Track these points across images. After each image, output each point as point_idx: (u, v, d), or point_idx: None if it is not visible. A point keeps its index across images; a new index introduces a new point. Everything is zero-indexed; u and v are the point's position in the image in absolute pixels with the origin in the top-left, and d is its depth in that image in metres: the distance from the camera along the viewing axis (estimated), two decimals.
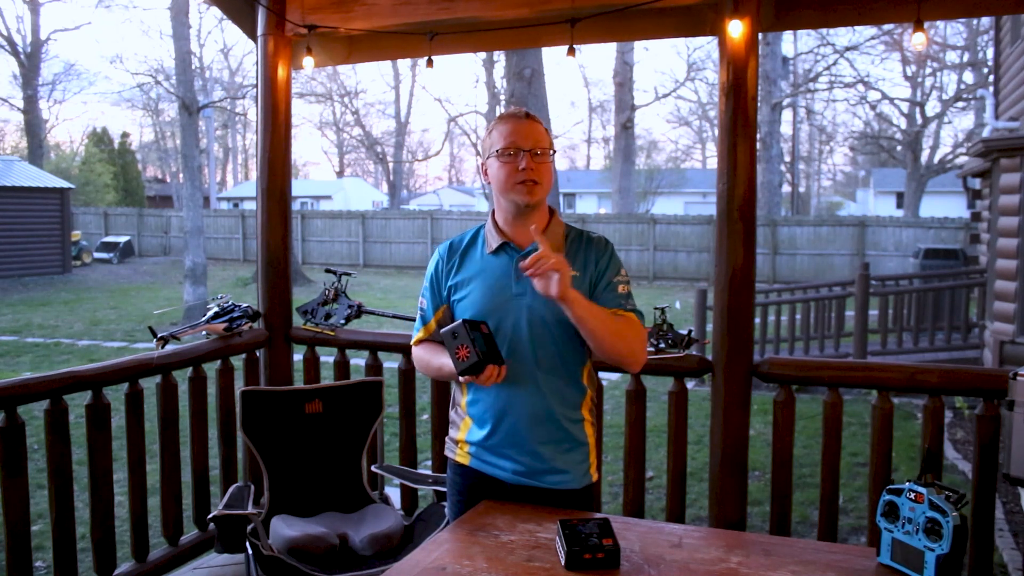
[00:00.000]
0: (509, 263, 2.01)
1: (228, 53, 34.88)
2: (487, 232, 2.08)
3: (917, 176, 25.06)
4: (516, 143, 1.97)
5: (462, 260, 2.09)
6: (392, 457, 3.76)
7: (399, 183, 37.26)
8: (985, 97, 13.14)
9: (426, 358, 2.14)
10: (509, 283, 2.00)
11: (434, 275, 2.12)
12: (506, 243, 2.03)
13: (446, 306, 2.11)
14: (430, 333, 2.14)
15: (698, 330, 8.55)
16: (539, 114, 12.86)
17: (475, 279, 2.05)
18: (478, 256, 2.07)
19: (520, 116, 2.01)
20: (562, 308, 1.87)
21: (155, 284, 19.70)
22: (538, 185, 1.98)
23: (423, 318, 2.15)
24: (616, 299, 2.00)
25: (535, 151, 1.97)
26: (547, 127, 2.07)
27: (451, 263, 2.10)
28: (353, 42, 3.54)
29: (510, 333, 1.99)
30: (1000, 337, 7.18)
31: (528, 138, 1.98)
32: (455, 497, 2.16)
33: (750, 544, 1.89)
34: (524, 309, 1.99)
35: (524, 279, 1.94)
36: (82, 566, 3.32)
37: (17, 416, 2.57)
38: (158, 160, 42.46)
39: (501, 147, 1.98)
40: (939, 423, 2.67)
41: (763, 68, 18.02)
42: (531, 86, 11.42)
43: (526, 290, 1.97)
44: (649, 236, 21.15)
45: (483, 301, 2.01)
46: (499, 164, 1.99)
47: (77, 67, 40.33)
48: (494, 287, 2.01)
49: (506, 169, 1.98)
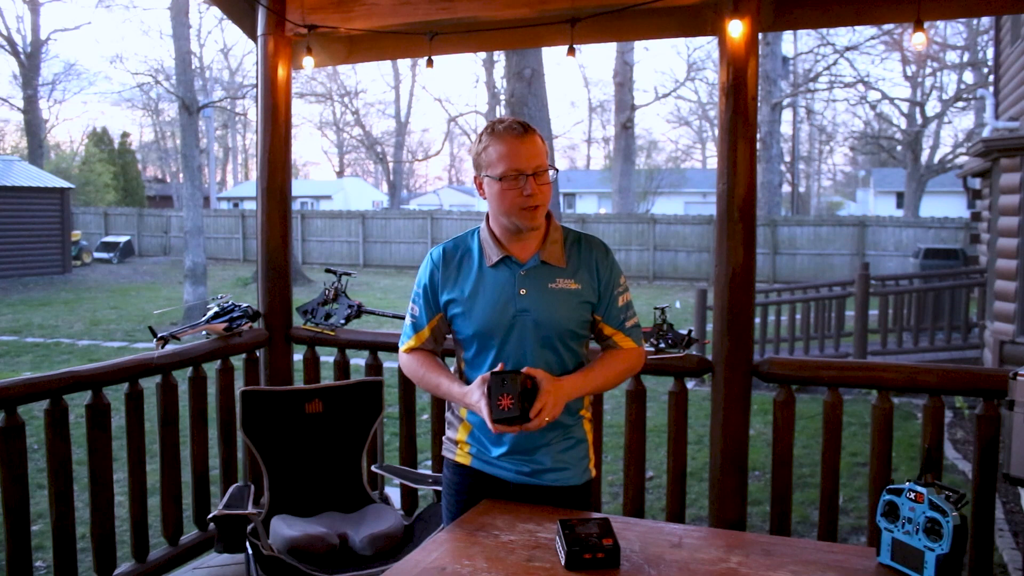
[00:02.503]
0: (511, 277, 1.99)
1: (228, 53, 34.88)
2: (484, 243, 2.04)
3: (917, 176, 25.06)
4: (517, 167, 1.91)
5: (459, 270, 2.04)
6: (392, 457, 3.76)
7: (399, 183, 37.24)
8: (985, 97, 13.14)
9: (419, 370, 2.10)
10: (513, 299, 1.98)
11: (428, 284, 2.07)
12: (507, 257, 2.01)
13: (441, 315, 2.08)
14: (422, 342, 2.12)
15: (698, 330, 8.55)
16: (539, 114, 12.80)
17: (476, 293, 2.01)
18: (476, 267, 2.03)
19: (518, 133, 1.93)
20: (566, 319, 1.99)
21: (155, 284, 19.70)
22: (540, 208, 1.96)
23: (415, 325, 2.11)
24: (618, 317, 2.06)
25: (536, 172, 1.93)
26: (542, 135, 2.02)
27: (447, 273, 2.05)
28: (353, 42, 3.54)
29: (515, 348, 1.99)
30: (1000, 337, 7.18)
31: (530, 160, 1.92)
32: (454, 498, 2.14)
33: (750, 544, 1.89)
34: (529, 325, 1.98)
35: (529, 294, 1.97)
36: (82, 566, 3.32)
37: (17, 416, 2.57)
38: (158, 160, 42.47)
39: (502, 171, 1.92)
40: (939, 423, 2.67)
41: (763, 68, 18.02)
42: (531, 86, 11.41)
43: (530, 306, 1.97)
44: (649, 236, 21.15)
45: (486, 316, 1.99)
46: (500, 187, 1.93)
47: (77, 67, 40.33)
48: (497, 302, 1.99)
49: (509, 195, 1.93)
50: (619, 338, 2.08)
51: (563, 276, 2.00)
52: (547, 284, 1.99)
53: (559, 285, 1.99)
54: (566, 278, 2.00)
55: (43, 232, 20.80)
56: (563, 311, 1.99)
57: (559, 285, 1.99)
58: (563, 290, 1.99)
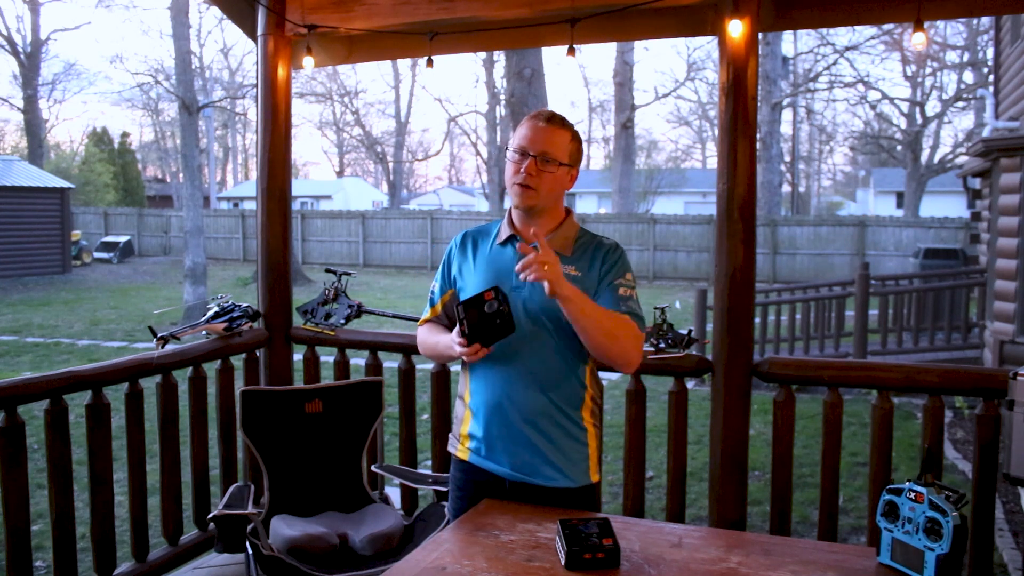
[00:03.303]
0: (514, 255, 2.03)
1: (228, 53, 34.91)
2: (503, 225, 2.13)
3: (917, 176, 25.06)
4: (524, 146, 2.01)
5: (474, 249, 2.14)
6: (392, 457, 3.76)
7: (399, 183, 37.24)
8: (985, 97, 13.14)
9: (428, 338, 2.20)
10: (511, 276, 2.00)
11: (447, 260, 2.19)
12: (514, 236, 2.08)
13: (453, 291, 2.17)
14: (436, 315, 2.22)
15: (698, 330, 8.55)
16: None
17: (480, 267, 2.09)
18: (489, 245, 2.12)
19: (541, 119, 2.03)
20: (554, 302, 1.88)
21: (155, 284, 19.70)
22: (531, 190, 1.99)
23: (431, 300, 2.23)
24: (615, 299, 1.99)
25: (543, 157, 1.99)
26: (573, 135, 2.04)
27: (464, 250, 2.15)
28: (353, 42, 3.54)
29: None
30: (1000, 337, 7.18)
31: (539, 143, 1.99)
32: (456, 493, 2.16)
33: (750, 544, 1.89)
34: (521, 302, 2.00)
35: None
36: (82, 566, 3.32)
37: (17, 416, 2.57)
38: (158, 160, 42.47)
39: (514, 146, 2.03)
40: (939, 423, 2.67)
41: (763, 68, 18.02)
42: (531, 86, 11.41)
43: (525, 284, 1.99)
44: (649, 236, 21.15)
45: (480, 287, 2.03)
46: (507, 161, 2.06)
47: (77, 67, 40.38)
48: (495, 278, 2.03)
49: (510, 169, 2.04)
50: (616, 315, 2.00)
51: (565, 263, 1.99)
52: None
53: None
54: (567, 264, 2.00)
55: (43, 232, 20.79)
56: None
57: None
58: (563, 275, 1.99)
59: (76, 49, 61.57)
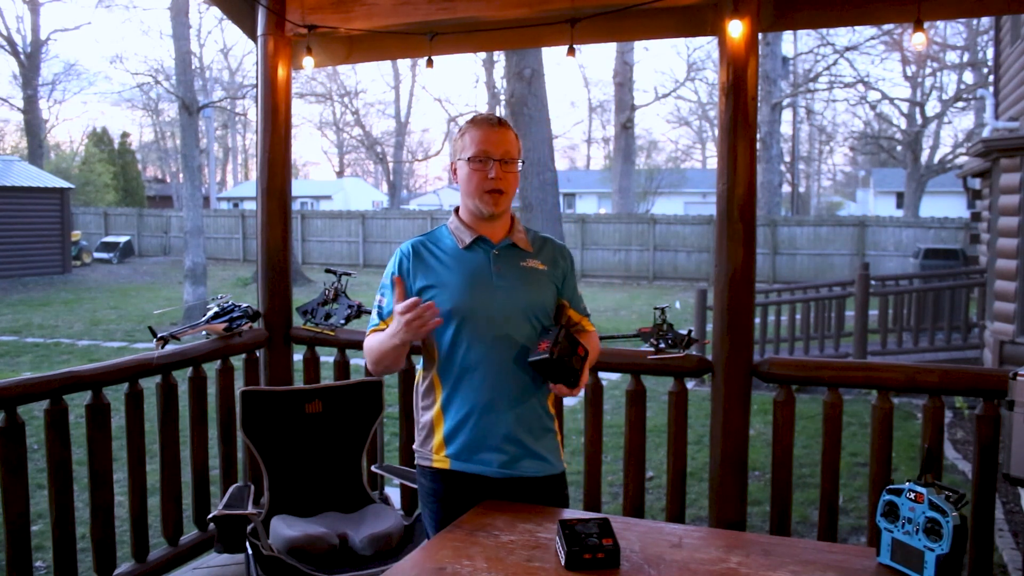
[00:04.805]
0: (485, 256, 2.09)
1: (228, 53, 34.89)
2: (455, 230, 2.13)
3: (917, 176, 25.05)
4: (486, 151, 2.04)
5: (432, 258, 2.10)
6: (392, 457, 3.76)
7: (399, 183, 37.22)
8: (985, 97, 13.14)
9: (373, 340, 2.12)
10: (489, 276, 2.06)
11: (399, 271, 2.10)
12: (480, 238, 2.10)
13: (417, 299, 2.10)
14: (385, 328, 2.13)
15: (698, 330, 8.55)
16: (539, 114, 12.82)
17: (451, 273, 2.07)
18: (450, 252, 2.11)
19: (492, 122, 2.08)
20: (540, 301, 2.09)
21: (155, 284, 19.70)
22: (503, 195, 2.07)
23: (380, 313, 2.14)
24: (580, 305, 2.24)
25: (504, 159, 2.05)
26: (516, 134, 2.15)
27: (417, 263, 2.10)
28: (353, 42, 3.54)
29: (493, 323, 2.04)
30: (1000, 337, 7.18)
31: (498, 146, 2.05)
32: (433, 506, 2.13)
33: (750, 544, 1.89)
34: (503, 301, 2.05)
35: (504, 273, 2.06)
36: (82, 566, 3.32)
37: (17, 416, 2.57)
38: (158, 160, 42.47)
39: (472, 153, 2.05)
40: (939, 423, 2.67)
41: (763, 68, 18.02)
42: (531, 86, 11.42)
43: (505, 283, 2.06)
44: (649, 236, 21.14)
45: (463, 292, 2.05)
46: (469, 169, 2.06)
47: (77, 67, 40.39)
48: (473, 280, 2.06)
49: (476, 176, 2.06)
50: (586, 323, 2.25)
51: (532, 258, 2.13)
52: (519, 263, 2.11)
53: (529, 264, 2.12)
54: (534, 259, 2.14)
55: (43, 232, 20.80)
56: (535, 287, 2.10)
57: (529, 264, 2.12)
58: (533, 269, 2.12)
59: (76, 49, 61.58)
